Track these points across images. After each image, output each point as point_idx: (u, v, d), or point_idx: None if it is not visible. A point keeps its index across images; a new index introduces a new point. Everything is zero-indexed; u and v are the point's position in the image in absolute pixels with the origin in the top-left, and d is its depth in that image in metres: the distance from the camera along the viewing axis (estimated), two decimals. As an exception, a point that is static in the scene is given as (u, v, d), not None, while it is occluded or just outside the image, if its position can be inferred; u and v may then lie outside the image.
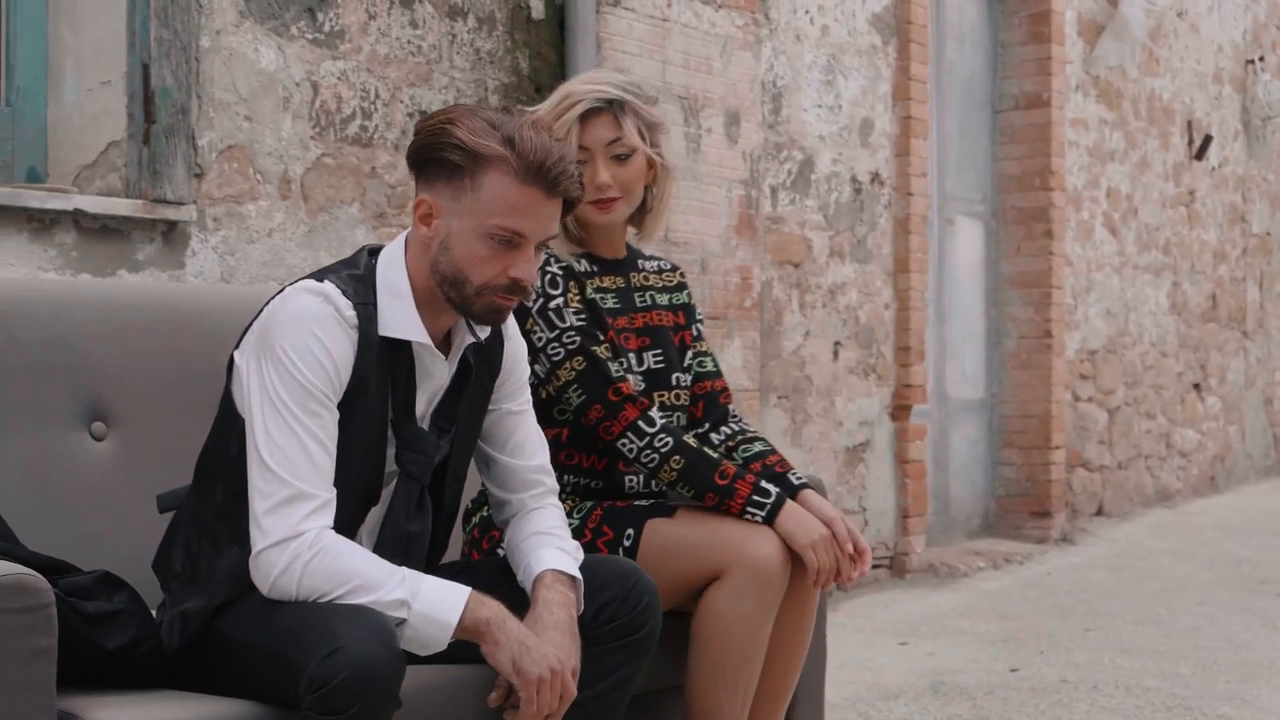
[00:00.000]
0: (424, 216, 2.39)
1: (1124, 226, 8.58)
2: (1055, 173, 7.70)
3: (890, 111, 6.53)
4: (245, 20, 3.90)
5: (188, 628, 2.36)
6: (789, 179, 5.96)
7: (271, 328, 2.33)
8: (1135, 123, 8.66)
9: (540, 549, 2.53)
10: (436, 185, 2.37)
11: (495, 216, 2.35)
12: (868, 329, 6.41)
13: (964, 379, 7.63)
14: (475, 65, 4.56)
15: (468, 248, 2.37)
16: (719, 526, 2.83)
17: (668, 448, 2.85)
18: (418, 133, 2.39)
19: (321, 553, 2.23)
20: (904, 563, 6.57)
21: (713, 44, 5.50)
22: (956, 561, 6.83)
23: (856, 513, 6.34)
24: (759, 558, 2.78)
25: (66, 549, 2.76)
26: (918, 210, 6.62)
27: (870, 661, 5.04)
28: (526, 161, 2.34)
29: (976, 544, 7.43)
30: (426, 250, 2.40)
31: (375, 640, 2.12)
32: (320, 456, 2.29)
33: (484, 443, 2.64)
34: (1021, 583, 6.61)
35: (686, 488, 2.86)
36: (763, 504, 2.83)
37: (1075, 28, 8.01)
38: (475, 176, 2.34)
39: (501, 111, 2.39)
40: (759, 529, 2.82)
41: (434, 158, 2.36)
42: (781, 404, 5.90)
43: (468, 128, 2.34)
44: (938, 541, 7.25)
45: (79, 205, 3.48)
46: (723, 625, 2.79)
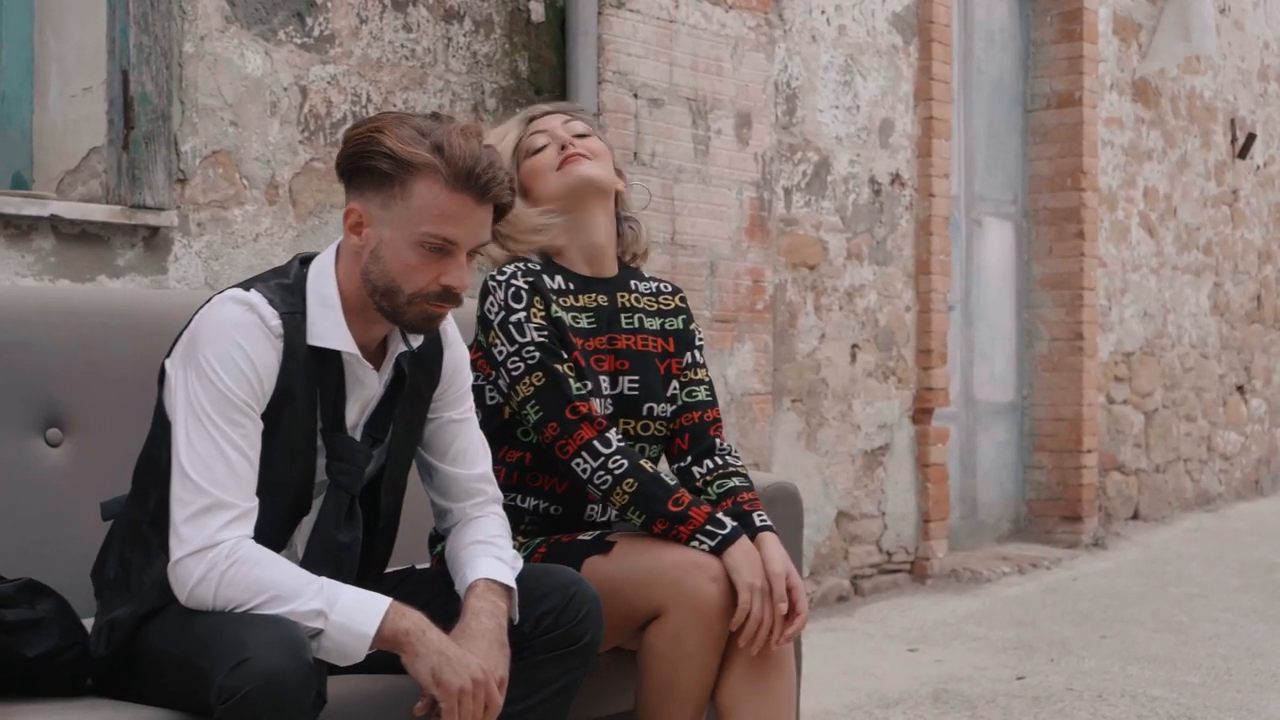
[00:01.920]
0: (354, 226, 2.38)
1: (1162, 227, 8.45)
2: (1087, 173, 7.60)
3: (912, 112, 6.47)
4: (231, 26, 3.91)
5: (115, 636, 2.36)
6: (804, 180, 5.91)
7: (197, 336, 2.33)
8: (1174, 121, 8.54)
9: (476, 558, 2.51)
10: (366, 194, 2.36)
11: (426, 224, 2.33)
12: (887, 331, 6.35)
13: (993, 381, 7.55)
14: (472, 69, 4.55)
15: (399, 256, 2.35)
16: (658, 564, 2.70)
17: (622, 470, 2.73)
18: (345, 141, 2.38)
19: (238, 562, 2.22)
20: (924, 567, 6.51)
21: (723, 45, 5.46)
22: (980, 566, 6.76)
23: (875, 517, 6.29)
24: (699, 598, 2.67)
25: (18, 555, 2.78)
26: (940, 211, 6.55)
27: (876, 668, 4.99)
28: (456, 168, 2.32)
29: (1004, 548, 7.35)
30: (357, 259, 2.39)
31: (284, 651, 2.10)
32: (241, 465, 2.28)
33: (425, 451, 2.63)
34: (1044, 588, 6.53)
35: (637, 513, 2.74)
36: (715, 534, 2.72)
37: (1110, 25, 7.90)
38: (405, 184, 2.33)
39: (430, 118, 2.38)
40: (699, 566, 2.69)
41: (363, 166, 2.35)
42: (795, 407, 5.86)
43: (396, 136, 2.33)
44: (965, 546, 7.18)
45: (55, 211, 3.50)
46: (664, 666, 2.70)
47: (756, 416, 5.61)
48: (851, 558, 6.17)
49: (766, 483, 3.40)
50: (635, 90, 5.08)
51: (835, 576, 6.07)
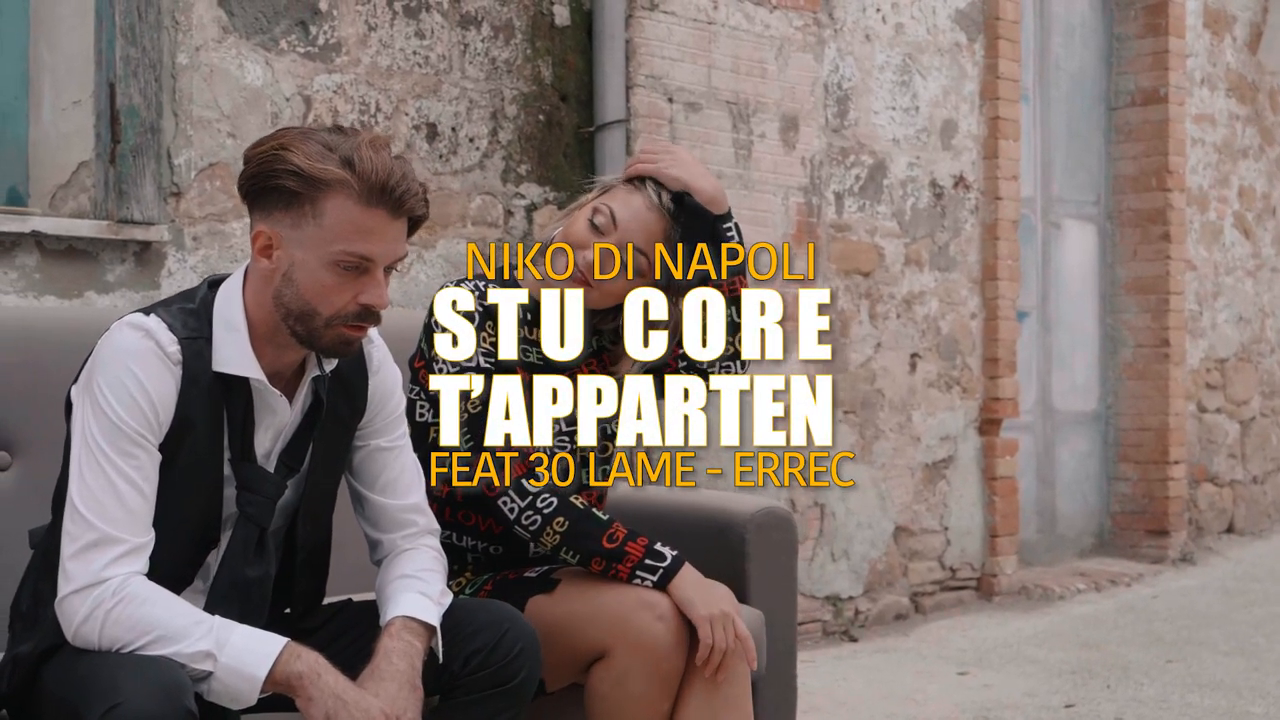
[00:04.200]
0: (263, 249, 2.25)
1: (1259, 227, 8.11)
2: (1174, 172, 7.30)
3: (977, 112, 6.24)
4: (229, 36, 3.83)
5: (16, 674, 2.27)
6: (857, 184, 5.73)
7: (94, 364, 2.24)
8: (1273, 117, 8.18)
9: (398, 594, 2.39)
10: (274, 215, 2.24)
11: (340, 243, 2.21)
12: (950, 340, 6.13)
13: (1073, 390, 7.28)
14: (490, 75, 4.44)
15: (313, 277, 2.24)
16: (602, 601, 2.56)
17: (551, 508, 2.58)
18: (248, 160, 2.26)
19: (124, 600, 2.12)
20: (992, 584, 6.28)
21: (766, 46, 5.30)
22: (1053, 583, 6.51)
23: (937, 532, 6.07)
24: (645, 635, 2.52)
25: (-36, 582, 2.73)
26: (1007, 215, 6.31)
27: (919, 692, 4.79)
28: (368, 183, 2.20)
29: (1085, 564, 7.08)
30: (268, 283, 2.27)
31: (159, 695, 2.00)
32: (133, 499, 2.18)
33: (355, 480, 2.51)
34: (1120, 607, 6.27)
35: (571, 553, 2.59)
36: (655, 568, 2.57)
37: (1200, 19, 7.59)
38: (316, 203, 2.21)
39: (334, 132, 2.26)
40: (648, 602, 2.54)
41: (269, 186, 2.22)
42: (848, 419, 5.67)
43: (303, 152, 2.21)
44: (1042, 561, 6.94)
45: (38, 227, 3.44)
46: (610, 709, 2.55)
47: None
48: (911, 574, 5.96)
49: (757, 507, 3.25)
50: (670, 94, 4.93)
51: (893, 594, 5.87)
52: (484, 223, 4.40)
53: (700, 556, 3.13)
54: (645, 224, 2.64)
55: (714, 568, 3.10)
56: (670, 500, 3.10)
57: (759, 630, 3.12)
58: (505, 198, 4.47)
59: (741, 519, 3.20)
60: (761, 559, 3.22)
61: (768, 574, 3.23)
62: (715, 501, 3.25)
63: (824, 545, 5.56)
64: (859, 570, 5.71)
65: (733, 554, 3.17)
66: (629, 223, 2.63)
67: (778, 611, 3.25)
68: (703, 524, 3.21)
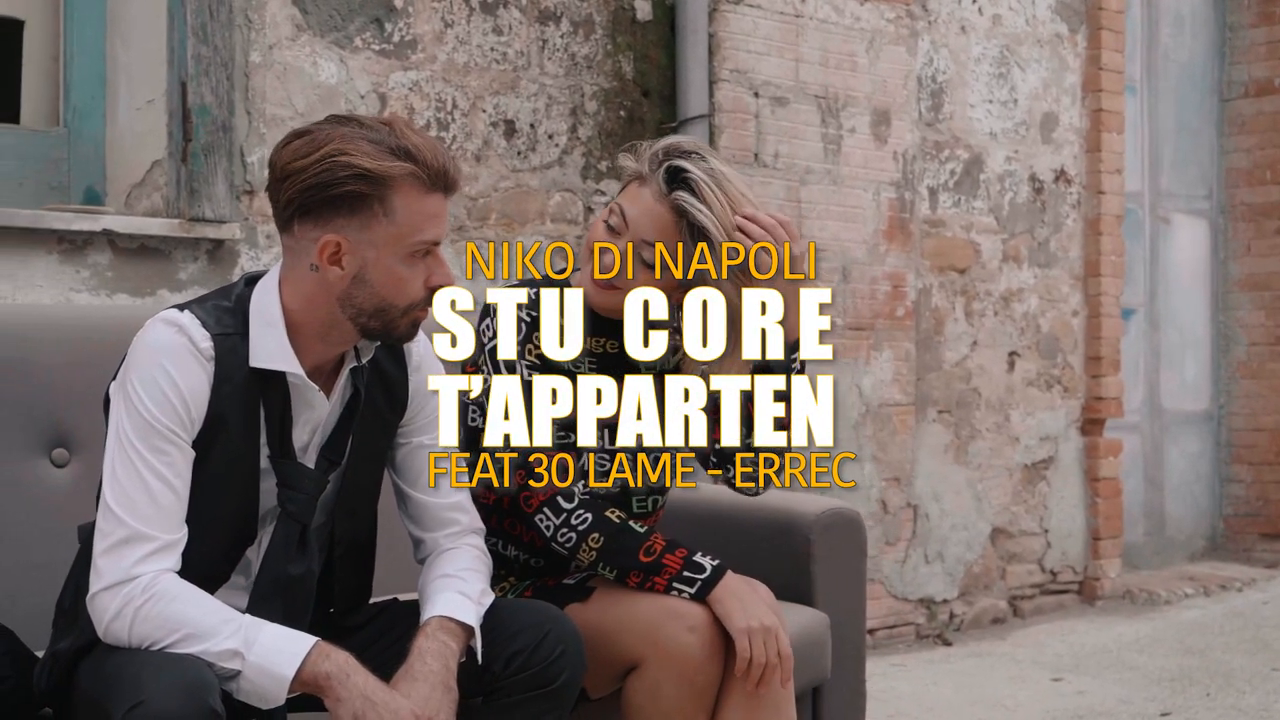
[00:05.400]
0: (333, 258, 2.23)
1: (1381, 221, 7.83)
2: (1290, 165, 7.09)
3: (1079, 105, 6.09)
4: (302, 34, 3.83)
5: (56, 670, 2.27)
6: (951, 179, 5.61)
7: (129, 361, 2.23)
8: (1398, 107, 7.90)
9: (438, 594, 2.36)
10: (336, 221, 2.20)
11: (415, 234, 2.22)
12: (1051, 338, 5.99)
13: (1183, 390, 7.09)
14: (570, 71, 4.41)
15: (391, 273, 2.23)
16: (635, 610, 2.50)
17: (586, 524, 2.52)
18: (296, 174, 2.19)
19: (154, 598, 2.11)
20: (1094, 588, 6.12)
21: (857, 39, 5.21)
22: (1159, 587, 6.33)
23: (1037, 534, 5.94)
24: (676, 646, 2.46)
25: (22, 576, 2.74)
26: (1111, 210, 6.15)
27: (1010, 699, 4.68)
28: (430, 169, 2.21)
29: (1194, 568, 6.89)
30: (329, 289, 2.24)
31: (181, 694, 1.98)
32: (164, 495, 2.16)
33: (398, 477, 2.49)
34: (1229, 612, 6.08)
35: (608, 568, 2.54)
36: (694, 579, 2.50)
37: (1318, 6, 7.35)
38: (385, 200, 2.19)
39: (355, 124, 2.22)
40: (679, 612, 2.48)
41: (332, 195, 2.18)
42: (942, 419, 5.56)
43: (361, 153, 2.18)
44: (1150, 564, 6.76)
45: (109, 226, 3.47)
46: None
47: (897, 428, 5.34)
48: (1010, 577, 5.83)
49: (823, 508, 3.17)
50: (756, 89, 4.86)
51: (990, 597, 5.75)
52: (563, 220, 4.37)
53: (765, 559, 3.08)
54: (654, 217, 2.55)
55: (778, 570, 3.04)
56: (735, 502, 3.02)
57: (823, 634, 3.05)
58: (585, 194, 4.43)
59: (807, 520, 3.13)
60: (827, 561, 3.14)
61: (834, 577, 3.16)
62: (780, 502, 3.18)
63: (917, 547, 5.45)
64: (954, 573, 5.60)
65: (798, 556, 3.11)
66: (638, 219, 2.56)
67: (845, 615, 3.18)
68: (767, 525, 3.14)
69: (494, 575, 2.64)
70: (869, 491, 5.25)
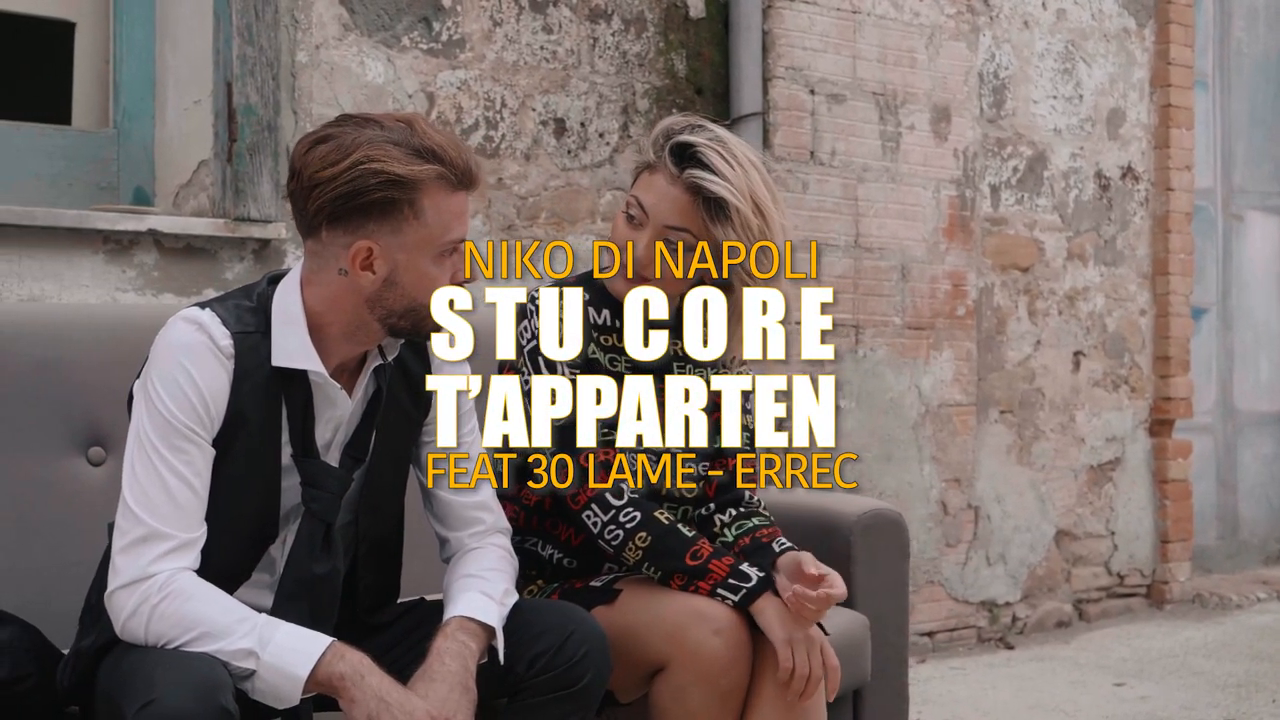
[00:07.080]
0: (365, 263, 2.22)
1: None
2: (1368, 161, 6.93)
3: (1147, 100, 5.99)
4: (349, 34, 3.84)
5: (78, 667, 2.28)
6: (1014, 177, 5.53)
7: (151, 359, 2.24)
8: None
9: (460, 594, 2.35)
10: (367, 227, 2.19)
11: (445, 234, 2.23)
12: (1117, 337, 5.89)
13: (1258, 390, 6.94)
14: (621, 69, 4.38)
15: (423, 275, 2.23)
16: (660, 612, 2.47)
17: (634, 523, 2.50)
18: (326, 183, 2.17)
19: (170, 596, 2.11)
20: (1163, 591, 6.01)
21: (916, 35, 5.15)
22: (1231, 591, 6.21)
23: (1103, 537, 5.84)
24: (701, 649, 2.43)
25: (58, 575, 2.76)
26: (1180, 207, 6.04)
27: (1070, 704, 4.60)
28: (456, 168, 2.22)
29: (1270, 572, 6.75)
30: (356, 292, 2.23)
31: (193, 693, 1.98)
32: (183, 494, 2.16)
33: (423, 475, 2.48)
34: (1301, 617, 5.96)
35: (653, 569, 2.50)
36: (738, 587, 2.46)
37: (1398, -2, 7.19)
38: (414, 203, 2.19)
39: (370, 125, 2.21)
40: (704, 614, 2.44)
41: (363, 202, 2.18)
42: (1004, 419, 5.48)
43: (389, 158, 2.17)
44: (1223, 568, 6.63)
45: (154, 226, 3.48)
46: None
47: (957, 429, 5.27)
48: (1075, 580, 5.74)
49: (864, 509, 3.13)
50: (812, 86, 4.82)
51: (1054, 600, 5.66)
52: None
53: (804, 560, 3.03)
54: (671, 200, 2.53)
55: (818, 572, 3.00)
56: (775, 502, 2.99)
57: (862, 636, 3.01)
58: (637, 193, 4.40)
59: (848, 521, 3.10)
60: (868, 562, 3.10)
61: (875, 578, 3.12)
62: (821, 502, 3.14)
63: (978, 549, 5.38)
64: (1016, 575, 5.52)
65: (838, 557, 3.05)
66: (656, 205, 2.53)
67: (887, 617, 3.13)
68: (807, 526, 3.10)
69: (525, 576, 2.63)
70: (928, 493, 5.19)
